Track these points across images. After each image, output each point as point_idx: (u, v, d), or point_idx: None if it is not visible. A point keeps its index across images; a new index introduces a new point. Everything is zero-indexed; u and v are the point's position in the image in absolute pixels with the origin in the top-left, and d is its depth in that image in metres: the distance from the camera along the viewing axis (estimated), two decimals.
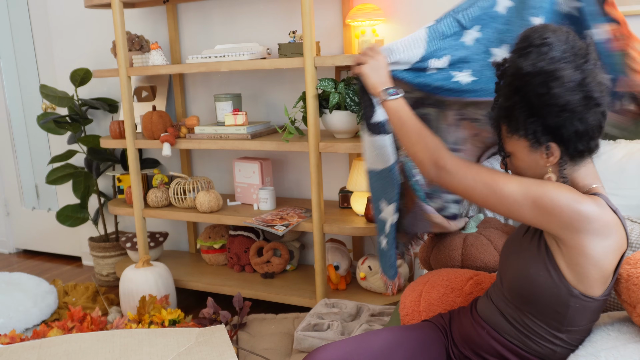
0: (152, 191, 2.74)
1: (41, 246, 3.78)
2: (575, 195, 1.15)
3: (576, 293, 1.19)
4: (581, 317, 1.21)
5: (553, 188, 1.16)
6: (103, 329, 2.28)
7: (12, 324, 2.48)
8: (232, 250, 2.81)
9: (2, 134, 3.74)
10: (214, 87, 2.93)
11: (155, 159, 3.12)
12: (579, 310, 1.20)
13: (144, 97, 3.02)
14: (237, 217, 2.50)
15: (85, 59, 3.23)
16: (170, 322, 2.27)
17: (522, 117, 1.20)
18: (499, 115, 1.26)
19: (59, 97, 2.98)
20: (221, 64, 2.38)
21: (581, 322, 1.22)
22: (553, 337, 1.24)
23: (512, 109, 1.21)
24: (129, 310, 2.55)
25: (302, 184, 2.82)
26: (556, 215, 1.14)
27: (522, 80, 1.18)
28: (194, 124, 2.60)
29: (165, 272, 2.63)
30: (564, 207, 1.14)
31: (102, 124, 3.29)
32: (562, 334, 1.24)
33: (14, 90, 3.70)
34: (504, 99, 1.23)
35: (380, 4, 2.45)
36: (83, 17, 3.17)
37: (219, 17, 2.83)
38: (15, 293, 2.64)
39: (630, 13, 2.06)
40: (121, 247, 3.17)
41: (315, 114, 2.25)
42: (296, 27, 2.66)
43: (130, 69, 2.59)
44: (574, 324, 1.22)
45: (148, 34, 3.01)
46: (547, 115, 1.17)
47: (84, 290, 2.92)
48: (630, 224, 1.67)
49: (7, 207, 3.84)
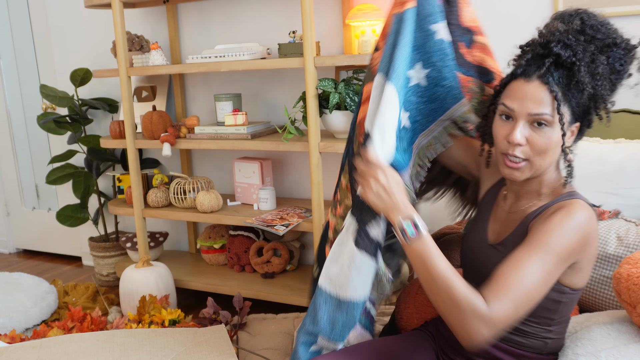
0: (152, 191, 2.74)
1: (41, 246, 3.78)
2: (579, 231, 1.15)
3: (566, 290, 1.23)
4: (569, 309, 1.27)
5: (563, 241, 1.14)
6: (103, 329, 2.28)
7: (12, 324, 2.48)
8: (232, 250, 2.81)
9: (2, 134, 3.74)
10: (214, 87, 2.93)
11: (155, 159, 3.12)
12: (568, 304, 1.25)
13: (144, 97, 3.02)
14: (237, 217, 2.50)
15: (85, 59, 3.23)
16: (170, 322, 2.27)
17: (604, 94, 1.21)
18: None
19: (59, 97, 2.98)
20: (221, 64, 2.38)
21: (569, 313, 1.28)
22: (545, 332, 1.27)
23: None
24: (129, 310, 2.55)
25: (302, 184, 2.82)
26: (575, 256, 1.17)
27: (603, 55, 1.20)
28: (194, 124, 2.60)
29: (165, 272, 2.63)
30: (578, 248, 1.16)
31: (102, 124, 3.29)
32: (553, 327, 1.28)
33: (14, 90, 3.70)
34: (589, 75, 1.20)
35: (380, 4, 2.45)
36: (83, 17, 3.17)
37: (219, 17, 2.83)
38: (15, 293, 2.64)
39: (630, 13, 2.06)
40: (121, 247, 3.16)
41: (315, 114, 2.25)
42: (296, 27, 2.66)
43: (130, 69, 2.59)
44: (563, 316, 1.27)
45: (148, 34, 3.01)
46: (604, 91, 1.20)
47: (84, 290, 2.92)
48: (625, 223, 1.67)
49: (7, 207, 3.84)
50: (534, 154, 1.19)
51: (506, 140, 1.21)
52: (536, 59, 1.20)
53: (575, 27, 1.20)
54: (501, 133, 1.22)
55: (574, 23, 1.22)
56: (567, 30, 1.20)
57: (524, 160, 1.20)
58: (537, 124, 1.18)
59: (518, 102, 1.19)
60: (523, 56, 1.24)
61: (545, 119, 1.16)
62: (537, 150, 1.18)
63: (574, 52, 1.16)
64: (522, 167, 1.20)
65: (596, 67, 1.17)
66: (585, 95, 1.17)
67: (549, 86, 1.16)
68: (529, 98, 1.17)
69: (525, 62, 1.20)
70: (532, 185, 1.27)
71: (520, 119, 1.19)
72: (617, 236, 1.61)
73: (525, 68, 1.20)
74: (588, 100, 1.19)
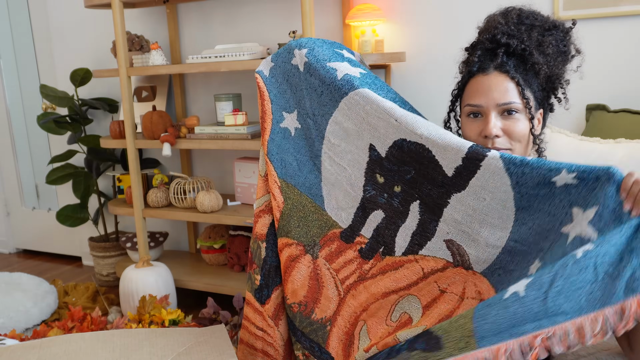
0: (152, 191, 2.74)
1: (41, 246, 3.78)
2: None
3: None
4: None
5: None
6: (103, 329, 2.28)
7: (12, 324, 2.48)
8: (232, 250, 2.81)
9: (2, 134, 3.74)
10: (214, 87, 2.93)
11: (155, 159, 3.12)
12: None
13: (144, 97, 3.02)
14: (237, 217, 2.50)
15: (85, 59, 3.23)
16: (170, 322, 2.27)
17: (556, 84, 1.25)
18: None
19: (59, 97, 2.98)
20: (221, 64, 2.38)
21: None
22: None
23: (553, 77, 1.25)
24: (129, 310, 2.55)
25: None
26: None
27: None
28: (194, 124, 2.60)
29: (165, 272, 2.63)
30: None
31: (102, 124, 3.29)
32: None
33: (14, 90, 3.70)
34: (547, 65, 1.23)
35: (380, 4, 2.45)
36: (83, 17, 3.17)
37: (219, 17, 2.83)
38: (15, 293, 2.64)
39: (630, 13, 2.06)
40: (121, 247, 3.16)
41: None
42: (296, 27, 2.66)
43: (130, 69, 2.59)
44: None
45: (148, 34, 3.01)
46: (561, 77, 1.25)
47: (84, 290, 2.92)
48: None
49: (7, 207, 3.84)
50: (514, 141, 1.21)
51: (481, 137, 1.22)
52: (487, 53, 1.23)
53: (514, 20, 1.24)
54: (474, 131, 1.24)
55: (511, 16, 1.26)
56: (507, 23, 1.24)
57: (505, 149, 1.21)
58: (507, 113, 1.20)
59: (484, 96, 1.20)
60: (472, 55, 1.26)
61: (514, 107, 1.19)
62: (516, 137, 1.20)
63: (520, 40, 1.21)
64: None
65: (545, 48, 1.22)
66: (542, 75, 1.21)
67: (509, 74, 1.19)
68: (493, 89, 1.20)
69: (477, 58, 1.23)
70: None
71: (491, 111, 1.20)
72: None
73: (479, 64, 1.22)
74: (545, 82, 1.23)
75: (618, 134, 1.94)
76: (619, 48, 2.10)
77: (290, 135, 1.53)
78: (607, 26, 2.11)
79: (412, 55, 2.46)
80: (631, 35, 2.09)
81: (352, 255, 1.46)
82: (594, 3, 2.11)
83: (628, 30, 2.09)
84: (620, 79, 2.11)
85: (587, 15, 2.11)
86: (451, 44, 2.36)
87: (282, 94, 1.54)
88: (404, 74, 2.46)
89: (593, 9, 2.11)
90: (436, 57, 2.41)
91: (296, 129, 1.52)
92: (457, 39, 2.35)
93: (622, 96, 2.09)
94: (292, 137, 1.53)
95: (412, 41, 2.45)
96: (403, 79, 2.45)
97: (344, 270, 1.47)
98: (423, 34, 2.42)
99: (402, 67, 2.46)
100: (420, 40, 2.43)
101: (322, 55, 1.44)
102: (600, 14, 2.10)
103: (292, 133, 1.53)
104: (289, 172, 1.52)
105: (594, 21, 2.12)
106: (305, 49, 1.45)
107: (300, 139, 1.52)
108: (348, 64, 1.45)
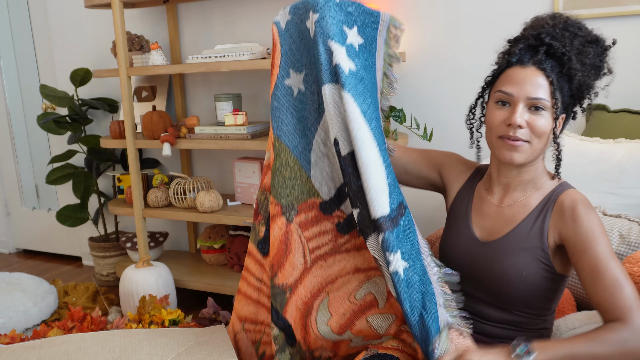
0: (152, 191, 2.74)
1: (41, 246, 3.78)
2: (598, 219, 1.23)
3: (560, 277, 1.29)
4: (560, 296, 1.33)
5: (605, 235, 1.22)
6: (103, 329, 2.28)
7: (12, 324, 2.48)
8: (232, 250, 2.81)
9: (2, 134, 3.74)
10: (214, 87, 2.93)
11: (155, 159, 3.12)
12: (560, 289, 1.31)
13: (144, 97, 3.02)
14: (237, 217, 2.50)
15: (85, 59, 3.23)
16: (170, 322, 2.27)
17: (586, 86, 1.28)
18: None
19: (59, 97, 2.98)
20: (221, 64, 2.38)
21: (559, 301, 1.34)
22: (541, 322, 1.31)
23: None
24: (129, 310, 2.55)
25: None
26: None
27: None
28: (194, 124, 2.60)
29: (165, 272, 2.63)
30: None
31: (102, 124, 3.29)
32: (547, 317, 1.32)
33: (14, 90, 3.70)
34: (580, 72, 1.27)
35: (380, 4, 2.45)
36: (83, 17, 3.17)
37: (219, 17, 2.83)
38: (15, 293, 2.64)
39: (629, 13, 2.06)
40: (121, 247, 3.16)
41: None
42: None
43: (130, 69, 2.59)
44: (556, 304, 1.33)
45: (148, 34, 3.01)
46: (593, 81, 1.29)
47: (84, 290, 2.92)
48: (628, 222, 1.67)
49: (7, 207, 3.84)
50: (534, 136, 1.23)
51: (505, 124, 1.25)
52: (529, 48, 1.26)
53: (560, 25, 1.28)
54: (498, 118, 1.26)
55: (558, 20, 1.29)
56: (554, 25, 1.27)
57: (525, 141, 1.24)
58: (534, 108, 1.23)
59: (517, 87, 1.23)
60: (514, 47, 1.29)
61: (542, 104, 1.22)
62: (537, 132, 1.23)
63: (562, 44, 1.24)
64: (522, 147, 1.24)
65: (584, 58, 1.25)
66: (574, 82, 1.24)
67: (545, 72, 1.23)
68: (527, 82, 1.23)
69: (518, 51, 1.26)
70: (525, 175, 1.30)
71: (519, 102, 1.23)
72: (619, 234, 1.62)
73: (519, 56, 1.26)
74: (576, 89, 1.26)
75: (618, 134, 1.94)
76: (618, 48, 2.10)
77: (292, 95, 1.49)
78: (607, 26, 2.11)
79: (412, 55, 2.46)
80: (631, 35, 2.09)
81: (328, 227, 1.46)
82: (593, 3, 2.11)
83: (628, 30, 2.09)
84: (620, 79, 2.11)
85: (586, 15, 2.11)
86: (451, 44, 2.36)
87: (295, 52, 1.48)
88: (404, 74, 2.45)
89: (593, 9, 2.11)
90: (436, 57, 2.41)
91: (299, 91, 1.48)
92: (457, 39, 2.35)
93: (622, 96, 2.09)
94: (294, 97, 1.49)
95: (412, 41, 2.45)
96: (403, 79, 2.45)
97: (316, 239, 1.47)
98: (423, 34, 2.42)
99: (402, 67, 2.46)
100: (420, 40, 2.43)
101: (327, 29, 1.37)
102: (599, 14, 2.11)
103: (295, 93, 1.48)
104: (284, 130, 1.49)
105: (594, 21, 2.12)
106: (317, 15, 1.38)
107: (301, 101, 1.48)
108: (346, 51, 1.38)
